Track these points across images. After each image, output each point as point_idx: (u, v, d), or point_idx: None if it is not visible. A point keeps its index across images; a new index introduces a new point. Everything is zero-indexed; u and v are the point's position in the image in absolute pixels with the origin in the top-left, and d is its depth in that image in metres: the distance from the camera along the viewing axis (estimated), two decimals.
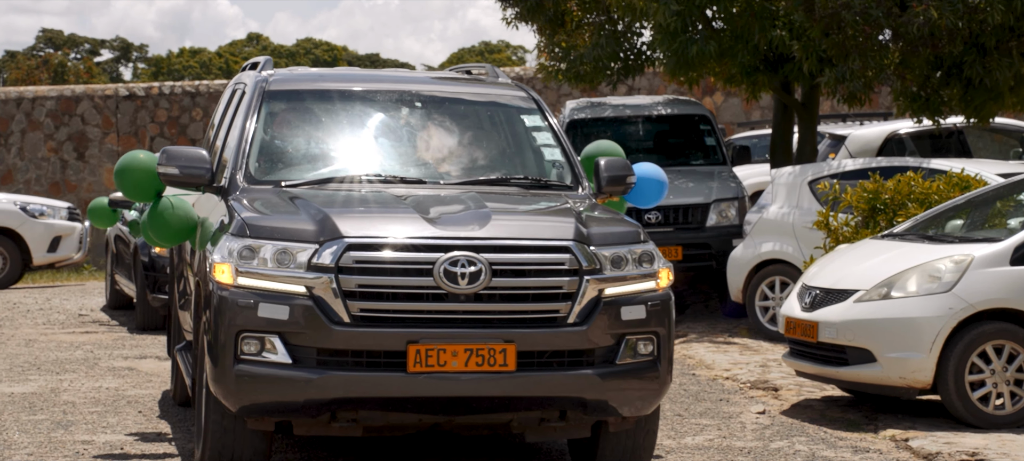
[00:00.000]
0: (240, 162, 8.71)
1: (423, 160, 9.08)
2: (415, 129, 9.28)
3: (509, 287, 7.78)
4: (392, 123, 9.28)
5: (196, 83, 28.84)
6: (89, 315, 17.59)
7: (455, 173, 9.00)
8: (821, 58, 15.36)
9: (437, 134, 9.23)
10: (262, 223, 7.85)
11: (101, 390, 11.79)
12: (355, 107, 9.28)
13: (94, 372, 12.81)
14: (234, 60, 77.76)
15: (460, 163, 9.09)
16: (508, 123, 9.42)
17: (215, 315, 7.81)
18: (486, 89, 9.74)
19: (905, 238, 11.27)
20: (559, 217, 8.25)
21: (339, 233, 7.72)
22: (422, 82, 9.82)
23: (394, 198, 8.34)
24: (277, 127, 9.07)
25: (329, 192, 8.55)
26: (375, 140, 9.20)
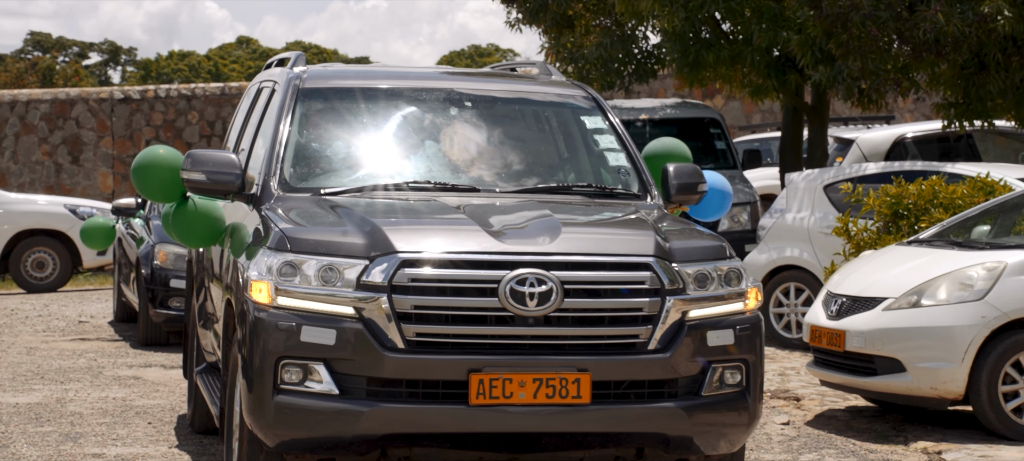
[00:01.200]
0: (274, 167, 7.79)
1: (475, 165, 8.12)
2: (465, 131, 8.32)
3: (583, 309, 6.88)
4: (440, 125, 8.32)
5: (192, 86, 28.24)
6: (90, 322, 17.10)
7: (511, 180, 8.07)
8: (818, 56, 15.27)
9: (490, 137, 8.31)
10: (304, 236, 6.96)
11: (108, 400, 11.37)
12: (399, 107, 8.33)
13: (99, 381, 12.39)
14: (223, 63, 77.36)
15: (516, 169, 8.18)
16: (566, 124, 8.52)
17: (251, 338, 6.91)
18: (540, 88, 8.76)
19: (933, 244, 10.95)
20: (636, 229, 7.33)
21: (392, 247, 6.84)
22: (471, 80, 8.91)
23: (449, 208, 7.47)
24: (313, 129, 8.12)
25: (374, 201, 7.64)
26: (422, 143, 8.22)
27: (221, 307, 8.03)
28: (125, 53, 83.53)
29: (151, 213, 15.78)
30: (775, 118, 26.28)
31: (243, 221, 7.90)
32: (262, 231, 7.32)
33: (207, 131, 27.67)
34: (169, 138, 27.42)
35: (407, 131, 8.29)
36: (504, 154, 8.27)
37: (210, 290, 8.90)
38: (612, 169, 8.35)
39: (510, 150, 8.31)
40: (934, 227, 11.49)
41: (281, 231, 7.05)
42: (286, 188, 7.73)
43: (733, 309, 7.18)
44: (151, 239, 14.99)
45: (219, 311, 8.16)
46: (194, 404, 9.94)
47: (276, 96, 8.42)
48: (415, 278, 6.79)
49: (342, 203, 7.53)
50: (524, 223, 7.20)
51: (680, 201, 8.13)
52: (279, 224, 7.16)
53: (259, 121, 8.64)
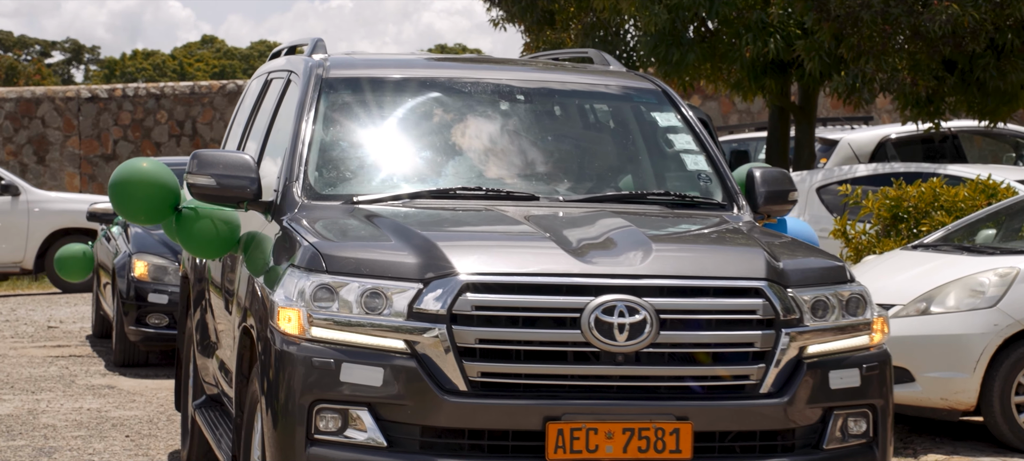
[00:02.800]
0: (296, 171, 6.50)
1: (532, 169, 6.83)
2: (519, 129, 7.00)
3: (683, 343, 5.61)
4: (489, 121, 7.00)
5: (161, 85, 27.25)
6: (59, 327, 16.28)
7: (574, 186, 6.78)
8: (827, 61, 14.93)
9: (547, 135, 7.05)
10: (342, 253, 5.69)
11: (82, 412, 10.65)
12: (440, 101, 7.03)
13: (72, 391, 11.65)
14: (188, 62, 76.65)
15: (580, 173, 6.91)
16: (635, 122, 7.22)
17: (279, 377, 5.64)
18: (602, 79, 7.42)
19: (940, 249, 10.51)
20: (742, 247, 6.10)
21: (451, 268, 5.57)
22: (522, 70, 7.44)
23: (513, 219, 6.23)
24: (340, 126, 6.83)
25: (419, 211, 6.34)
26: (469, 143, 6.91)
27: (232, 333, 6.70)
28: (88, 52, 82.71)
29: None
30: (752, 118, 25.95)
31: (261, 234, 6.59)
32: (287, 247, 6.04)
33: (177, 131, 26.94)
34: (137, 138, 26.77)
35: (452, 129, 6.97)
36: (565, 156, 7.01)
37: (213, 310, 7.59)
38: (691, 174, 7.12)
39: (571, 151, 7.07)
40: (939, 231, 11.03)
41: (313, 247, 5.76)
42: (311, 195, 6.46)
43: (857, 343, 5.93)
44: (127, 248, 13.29)
45: (230, 338, 6.83)
46: (190, 443, 8.47)
47: (293, 88, 7.12)
48: (480, 305, 5.53)
49: (380, 213, 6.26)
50: (605, 239, 5.90)
51: (768, 212, 6.91)
52: (309, 238, 5.89)
53: (271, 118, 7.37)
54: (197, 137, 26.70)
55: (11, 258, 20.53)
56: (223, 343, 7.21)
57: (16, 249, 20.50)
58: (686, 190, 6.98)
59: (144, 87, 27.14)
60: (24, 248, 20.41)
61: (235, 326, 6.63)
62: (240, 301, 6.55)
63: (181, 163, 16.01)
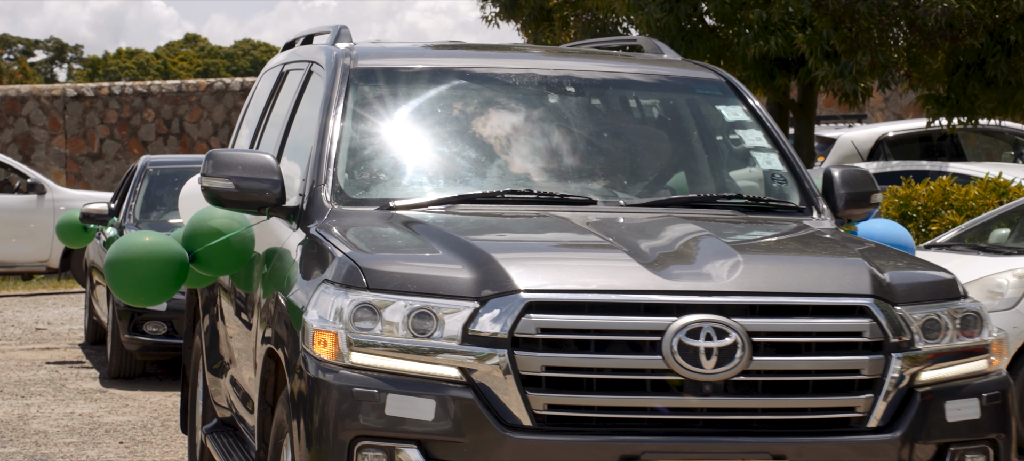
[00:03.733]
0: (324, 173, 5.72)
1: (588, 170, 6.03)
2: (571, 125, 6.20)
3: (778, 370, 4.82)
4: (537, 117, 6.21)
5: (147, 83, 26.61)
6: (47, 329, 15.79)
7: (635, 189, 6.02)
8: (827, 53, 14.53)
9: (603, 132, 6.27)
10: (386, 267, 4.92)
11: (74, 417, 10.24)
12: (482, 94, 6.25)
13: (62, 395, 11.23)
14: (172, 61, 76.27)
15: (640, 174, 6.16)
16: (698, 115, 6.44)
17: (313, 408, 4.88)
18: (660, 69, 6.61)
19: (953, 249, 10.15)
20: (842, 258, 5.30)
21: (511, 284, 4.80)
22: (572, 59, 6.67)
23: (575, 226, 5.44)
24: (372, 122, 6.06)
25: (465, 218, 5.58)
26: (516, 141, 6.13)
27: (253, 354, 5.91)
28: (71, 51, 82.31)
29: (126, 221, 13.43)
30: None
31: (284, 244, 5.75)
32: (318, 259, 5.25)
33: (164, 129, 26.47)
34: (124, 137, 26.33)
35: (495, 125, 6.17)
36: (622, 155, 6.21)
37: (227, 322, 6.78)
38: (764, 174, 6.30)
39: (629, 150, 6.27)
40: (951, 231, 10.70)
41: (351, 260, 4.98)
42: (342, 200, 5.67)
43: (974, 368, 5.13)
44: None
45: (249, 358, 6.06)
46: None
47: (316, 81, 6.34)
48: (546, 327, 4.75)
49: (422, 220, 5.47)
50: (685, 249, 5.12)
51: (849, 216, 6.13)
52: (344, 249, 5.11)
53: (289, 114, 6.56)
54: (184, 136, 26.30)
55: (37, 257, 20.05)
56: (240, 362, 6.39)
57: (42, 248, 20.01)
58: (759, 192, 6.17)
59: (131, 85, 26.70)
60: (50, 247, 19.87)
61: (256, 345, 5.81)
62: (263, 317, 5.72)
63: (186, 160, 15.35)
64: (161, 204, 13.76)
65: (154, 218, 13.50)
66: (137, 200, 13.71)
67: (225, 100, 26.36)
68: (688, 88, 6.53)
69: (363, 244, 5.22)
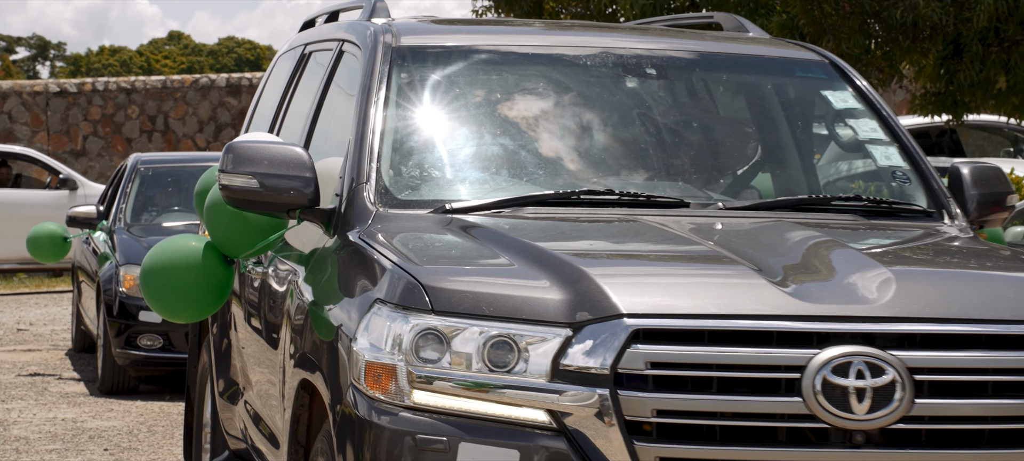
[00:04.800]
0: (366, 169, 4.74)
1: (675, 166, 5.04)
2: (653, 113, 5.22)
3: (947, 416, 3.84)
4: (614, 104, 5.23)
5: (131, 79, 25.96)
6: (29, 329, 15.16)
7: (732, 188, 5.07)
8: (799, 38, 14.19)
9: (692, 121, 5.29)
10: (455, 284, 3.96)
11: (56, 422, 9.74)
12: (549, 78, 5.24)
13: (45, 399, 10.71)
14: (155, 58, 75.84)
15: (736, 171, 5.18)
16: (801, 103, 5.49)
17: (364, 459, 3.94)
18: (753, 49, 5.61)
19: None
20: (1010, 274, 4.29)
21: (612, 306, 3.83)
22: (649, 38, 5.59)
23: (682, 237, 4.44)
24: (421, 110, 5.08)
25: (539, 223, 4.58)
26: (590, 133, 5.11)
27: (280, 383, 4.94)
28: (54, 48, 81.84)
29: (116, 224, 12.36)
30: None
31: (319, 253, 4.79)
32: (364, 272, 4.28)
33: (148, 126, 26.00)
34: (107, 134, 25.91)
35: (565, 113, 5.17)
36: (714, 148, 5.21)
37: (242, 339, 5.82)
38: (882, 170, 5.30)
39: (723, 142, 5.28)
40: None
41: (411, 275, 4.00)
42: (388, 201, 4.69)
43: None
44: (116, 259, 11.41)
45: (274, 387, 5.10)
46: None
47: (350, 62, 5.36)
48: (658, 360, 3.79)
49: (486, 226, 4.48)
50: (819, 264, 4.13)
51: (982, 221, 5.16)
52: (398, 261, 4.13)
53: (316, 102, 5.57)
54: (169, 133, 25.86)
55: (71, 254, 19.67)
56: (260, 387, 5.43)
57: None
58: (881, 193, 5.15)
59: (114, 81, 26.20)
60: None
61: (285, 370, 4.83)
62: (293, 338, 4.72)
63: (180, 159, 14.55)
64: (153, 205, 12.84)
65: (146, 221, 12.57)
66: (128, 201, 12.68)
67: (210, 96, 25.92)
68: (787, 70, 5.53)
69: (422, 255, 4.27)
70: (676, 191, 4.89)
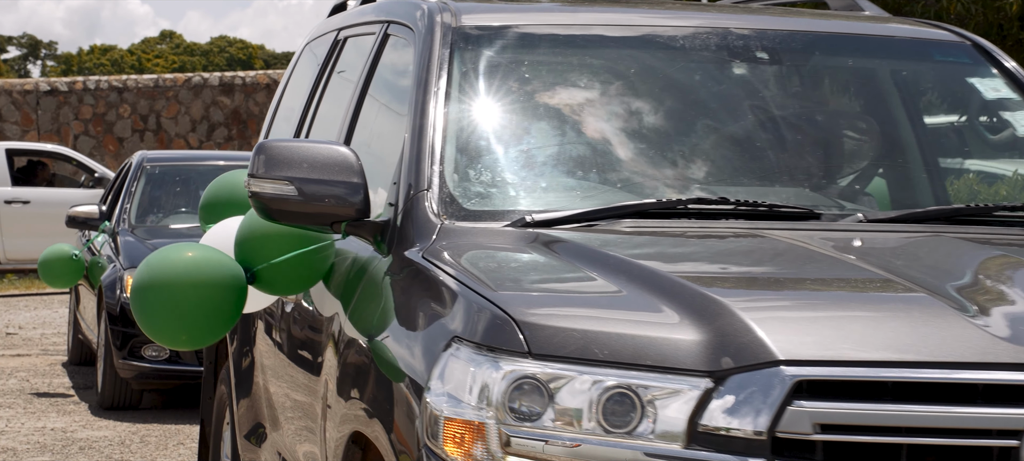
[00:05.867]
0: (426, 174, 3.86)
1: (798, 169, 4.13)
2: (766, 105, 4.32)
3: None
4: (720, 94, 4.34)
5: (123, 78, 25.51)
6: (18, 333, 14.53)
7: (871, 196, 4.16)
8: None
9: (815, 115, 4.38)
10: (557, 319, 3.04)
11: (45, 432, 9.28)
12: (640, 63, 4.33)
13: (34, 408, 10.20)
14: (146, 58, 75.46)
15: (871, 175, 4.29)
16: (942, 91, 4.62)
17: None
18: (882, 29, 4.65)
19: None
20: None
21: (765, 350, 2.91)
22: (758, 17, 4.63)
23: (828, 258, 3.49)
24: (490, 103, 4.18)
25: (645, 240, 3.68)
26: (693, 129, 4.23)
27: (321, 428, 4.04)
28: (45, 47, 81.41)
29: (119, 225, 11.50)
30: None
31: (370, 275, 3.88)
32: (434, 301, 3.35)
33: (140, 125, 25.66)
34: (99, 133, 25.53)
35: (663, 105, 4.27)
36: (843, 147, 4.31)
37: (270, 369, 4.92)
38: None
39: (853, 140, 4.38)
40: None
41: (499, 308, 3.08)
42: (454, 212, 3.81)
43: None
44: (119, 263, 10.59)
45: (314, 432, 4.17)
46: None
47: (398, 47, 4.48)
48: (830, 422, 2.87)
49: (579, 243, 3.56)
50: (1012, 292, 3.21)
51: None
52: (480, 289, 3.22)
53: (356, 96, 4.64)
54: (161, 132, 25.50)
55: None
56: (293, 434, 4.53)
57: None
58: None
59: (106, 79, 25.81)
60: None
61: (327, 421, 3.92)
62: (343, 381, 3.79)
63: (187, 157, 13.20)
64: (159, 207, 11.95)
65: (152, 223, 11.69)
66: (132, 202, 11.79)
67: (203, 95, 25.53)
68: (923, 54, 4.62)
69: (507, 281, 3.35)
70: (802, 199, 3.95)
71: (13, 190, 19.67)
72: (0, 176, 19.60)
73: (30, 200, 19.62)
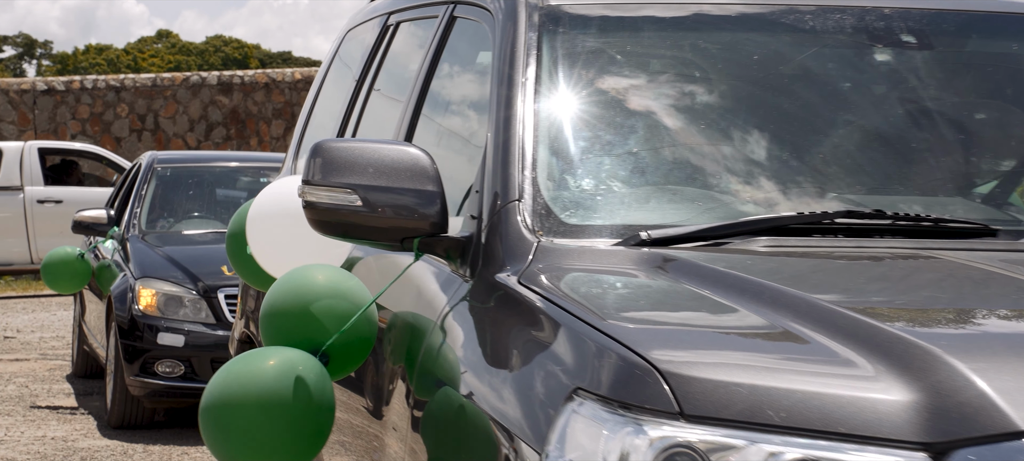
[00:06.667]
0: (516, 182, 3.16)
1: (961, 175, 3.42)
2: (921, 98, 3.56)
3: None
4: (858, 85, 3.58)
5: (120, 77, 25.13)
6: (16, 337, 14.10)
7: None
8: None
9: (977, 111, 3.66)
10: (714, 373, 2.25)
11: (45, 441, 8.93)
12: (765, 49, 3.59)
13: (33, 415, 9.83)
14: (142, 57, 75.15)
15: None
16: None
17: None
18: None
19: None
20: None
21: (1002, 418, 2.11)
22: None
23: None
24: (586, 98, 3.41)
25: (789, 262, 2.92)
26: (828, 126, 3.46)
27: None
28: (41, 47, 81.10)
29: (129, 231, 10.69)
30: None
31: (450, 304, 3.16)
32: (544, 341, 2.63)
33: (138, 125, 25.34)
34: (96, 133, 25.20)
35: (791, 99, 3.55)
36: (1017, 149, 3.62)
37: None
38: None
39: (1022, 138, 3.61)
40: None
41: (636, 354, 2.33)
42: (553, 227, 3.08)
43: None
44: (129, 271, 9.87)
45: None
46: None
47: (468, 32, 3.82)
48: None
49: (715, 268, 2.80)
50: None
51: None
52: (604, 326, 2.49)
53: (418, 88, 3.95)
54: (159, 132, 25.22)
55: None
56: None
57: None
58: None
59: (103, 79, 25.46)
60: None
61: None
62: (427, 437, 3.04)
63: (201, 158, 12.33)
64: (172, 212, 11.10)
65: (163, 228, 10.89)
66: (143, 206, 10.97)
67: (201, 94, 25.21)
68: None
69: (638, 316, 2.64)
70: (972, 212, 3.26)
71: (46, 189, 19.26)
72: (33, 175, 19.15)
73: (63, 199, 19.24)
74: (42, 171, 19.28)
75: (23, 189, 19.08)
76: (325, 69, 5.25)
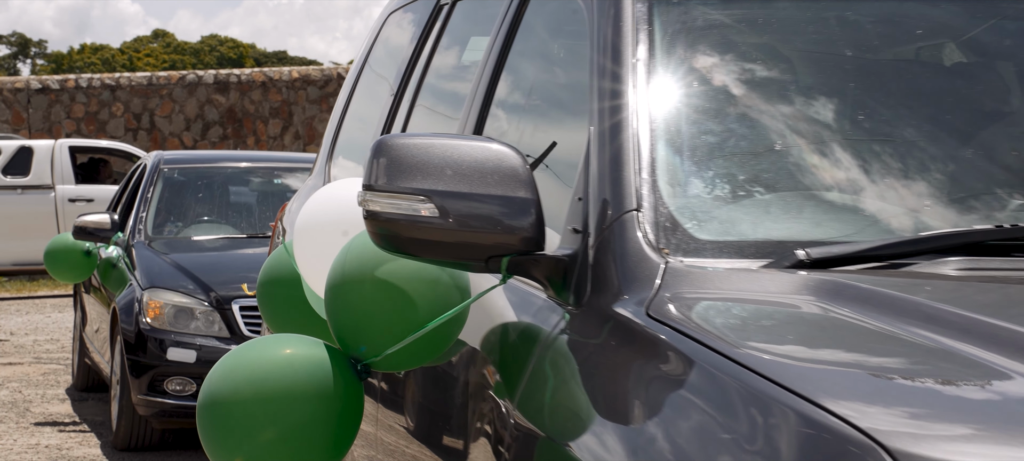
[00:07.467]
0: (631, 188, 2.45)
1: None
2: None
3: None
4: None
5: (116, 76, 24.96)
6: (9, 340, 13.72)
7: None
8: None
9: None
10: (957, 455, 1.55)
11: (40, 449, 8.65)
12: (931, 23, 2.91)
13: (26, 421, 9.56)
14: (137, 57, 74.81)
15: None
16: None
17: None
18: None
19: None
20: None
21: None
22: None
23: None
24: (711, 84, 2.67)
25: (992, 289, 2.19)
26: (1011, 115, 2.76)
27: None
28: (35, 46, 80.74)
29: (134, 237, 9.92)
30: None
31: (556, 340, 2.48)
32: (693, 398, 1.98)
33: (133, 124, 25.02)
34: (92, 132, 24.89)
35: (973, 82, 2.87)
36: None
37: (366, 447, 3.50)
38: None
39: None
40: None
41: (846, 424, 1.68)
42: (682, 244, 2.41)
43: None
44: (136, 282, 9.07)
45: None
46: None
47: (548, 5, 3.18)
48: None
49: (905, 297, 2.13)
50: None
51: None
52: (785, 380, 1.83)
53: (488, 74, 3.27)
54: (155, 131, 24.90)
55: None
56: None
57: None
58: None
59: (98, 78, 25.17)
60: None
61: None
62: None
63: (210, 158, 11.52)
64: (180, 215, 10.37)
65: (170, 234, 10.15)
66: (149, 209, 10.24)
67: (197, 93, 24.87)
68: None
69: (830, 367, 1.98)
70: None
71: (77, 188, 18.92)
72: (65, 173, 18.79)
73: (94, 198, 18.92)
74: (73, 169, 18.95)
75: (54, 188, 18.77)
76: (362, 59, 4.59)
